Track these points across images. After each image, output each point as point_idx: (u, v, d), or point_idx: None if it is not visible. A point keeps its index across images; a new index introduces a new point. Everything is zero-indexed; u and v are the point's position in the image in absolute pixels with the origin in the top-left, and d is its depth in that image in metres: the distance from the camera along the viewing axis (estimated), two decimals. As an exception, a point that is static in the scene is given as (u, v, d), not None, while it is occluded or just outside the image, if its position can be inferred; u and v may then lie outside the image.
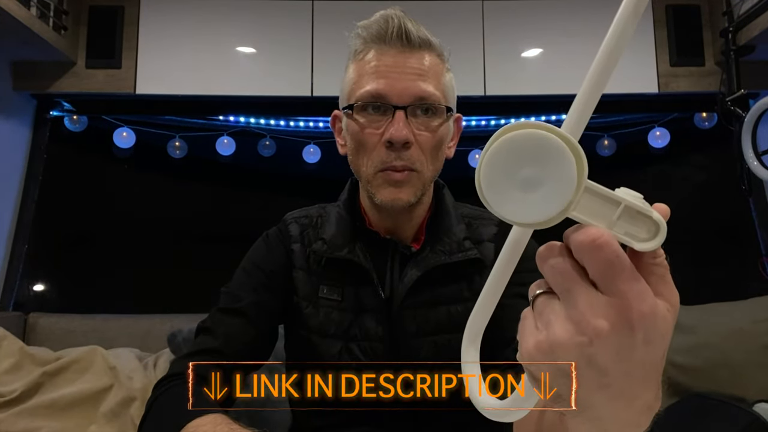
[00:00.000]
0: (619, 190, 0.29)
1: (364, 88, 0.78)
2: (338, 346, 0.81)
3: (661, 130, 2.37)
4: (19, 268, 2.15)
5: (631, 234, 0.28)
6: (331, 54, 2.12)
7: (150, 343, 1.91)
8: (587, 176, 0.28)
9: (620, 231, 0.28)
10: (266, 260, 0.87)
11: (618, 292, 0.28)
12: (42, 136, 2.24)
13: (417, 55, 0.78)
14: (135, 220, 2.37)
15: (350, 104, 0.79)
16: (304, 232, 0.89)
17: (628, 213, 0.28)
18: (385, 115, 0.77)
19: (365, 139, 0.78)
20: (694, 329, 1.84)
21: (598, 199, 0.29)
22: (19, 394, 1.58)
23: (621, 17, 0.28)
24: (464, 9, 2.15)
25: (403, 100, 0.76)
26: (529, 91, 2.17)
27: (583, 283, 0.29)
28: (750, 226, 2.22)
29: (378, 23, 0.78)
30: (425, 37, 0.79)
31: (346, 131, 0.83)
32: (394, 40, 0.77)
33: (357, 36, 0.81)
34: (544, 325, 0.31)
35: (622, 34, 0.30)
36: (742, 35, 1.94)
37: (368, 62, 0.79)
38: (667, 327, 0.30)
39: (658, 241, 0.28)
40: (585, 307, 0.29)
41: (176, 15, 2.15)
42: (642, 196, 0.29)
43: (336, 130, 0.88)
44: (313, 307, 0.84)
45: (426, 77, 0.77)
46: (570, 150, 0.27)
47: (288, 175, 2.48)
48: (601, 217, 0.28)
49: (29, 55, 2.03)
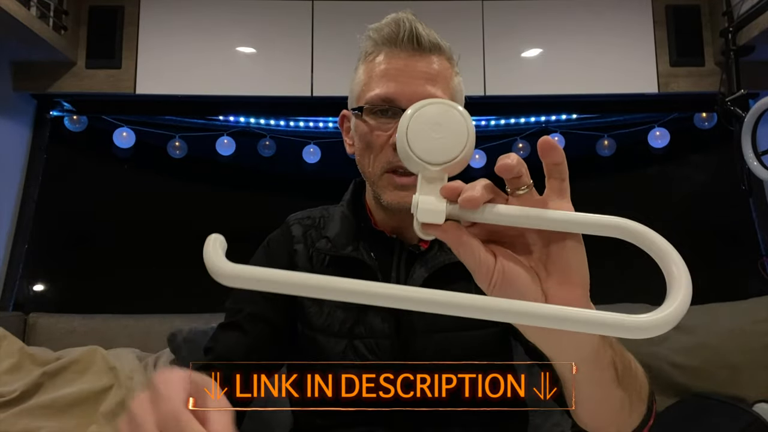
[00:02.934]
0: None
1: (373, 91, 0.78)
2: (343, 344, 0.81)
3: (661, 130, 2.37)
4: (19, 268, 2.15)
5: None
6: (331, 54, 2.12)
7: (150, 343, 1.91)
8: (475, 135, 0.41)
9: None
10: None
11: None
12: (42, 136, 2.24)
13: (427, 58, 0.78)
14: (135, 220, 2.37)
15: (360, 106, 0.80)
16: (306, 233, 0.89)
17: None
18: (394, 118, 0.77)
19: (373, 140, 0.79)
20: (694, 329, 1.84)
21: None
22: (19, 394, 1.58)
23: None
24: (464, 9, 2.15)
25: (412, 104, 0.76)
26: (529, 91, 2.17)
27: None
28: (750, 226, 2.22)
29: (389, 26, 0.79)
30: (435, 40, 0.79)
31: (354, 132, 0.83)
32: (405, 44, 0.78)
33: (368, 38, 0.81)
34: None
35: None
36: (742, 35, 1.94)
37: (378, 65, 0.79)
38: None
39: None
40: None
41: (176, 15, 2.15)
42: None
43: (344, 129, 0.88)
44: (317, 306, 0.84)
45: (435, 81, 0.78)
46: (461, 115, 0.42)
47: (288, 175, 2.48)
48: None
49: (29, 55, 2.03)
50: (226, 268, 0.35)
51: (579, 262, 0.40)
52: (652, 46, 2.15)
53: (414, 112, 0.41)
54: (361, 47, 0.83)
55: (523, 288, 0.40)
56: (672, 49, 2.14)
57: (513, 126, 2.43)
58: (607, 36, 2.16)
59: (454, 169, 0.41)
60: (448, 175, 0.41)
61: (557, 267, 0.40)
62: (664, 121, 2.38)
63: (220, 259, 0.35)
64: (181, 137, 2.38)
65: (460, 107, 0.42)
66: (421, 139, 0.40)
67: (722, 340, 1.81)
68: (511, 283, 0.40)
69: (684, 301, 0.34)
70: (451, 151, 0.40)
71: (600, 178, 2.51)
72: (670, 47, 2.14)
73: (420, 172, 0.41)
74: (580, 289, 0.40)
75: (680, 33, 2.14)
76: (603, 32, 2.16)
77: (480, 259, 0.40)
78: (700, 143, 2.43)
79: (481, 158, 2.40)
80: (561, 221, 0.38)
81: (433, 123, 0.41)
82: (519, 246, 0.42)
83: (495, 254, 0.41)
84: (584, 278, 0.41)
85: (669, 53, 2.14)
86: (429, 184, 0.40)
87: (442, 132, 0.41)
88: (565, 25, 2.16)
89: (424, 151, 0.40)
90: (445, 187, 0.39)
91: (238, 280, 0.35)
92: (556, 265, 0.41)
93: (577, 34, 2.16)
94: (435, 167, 0.40)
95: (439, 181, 0.40)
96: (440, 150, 0.40)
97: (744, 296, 1.97)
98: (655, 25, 2.15)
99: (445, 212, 0.39)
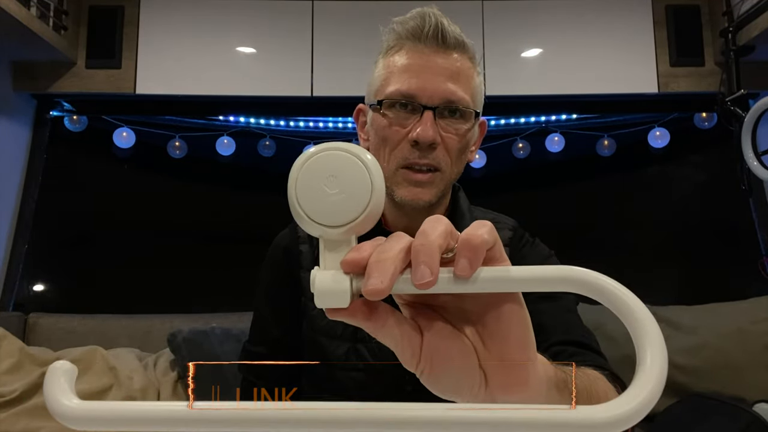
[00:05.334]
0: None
1: (394, 86, 0.76)
2: (345, 347, 0.81)
3: (661, 130, 2.37)
4: (19, 268, 2.15)
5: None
6: (331, 54, 2.12)
7: (150, 343, 1.91)
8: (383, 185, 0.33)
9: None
10: (275, 292, 0.92)
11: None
12: (42, 136, 2.24)
13: (450, 55, 0.77)
14: (135, 220, 2.37)
15: (379, 100, 0.78)
16: None
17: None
18: (413, 114, 0.76)
19: (390, 135, 0.77)
20: (694, 329, 1.85)
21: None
22: (19, 394, 1.58)
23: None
24: (464, 9, 2.15)
25: (433, 101, 0.75)
26: (529, 91, 2.17)
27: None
28: (750, 227, 2.22)
29: (414, 20, 0.77)
30: (460, 38, 0.77)
31: (370, 126, 0.81)
32: (430, 39, 0.76)
33: (391, 31, 0.79)
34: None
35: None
36: (742, 35, 1.94)
37: (400, 59, 0.77)
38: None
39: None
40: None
41: (176, 15, 2.15)
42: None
43: (359, 124, 0.86)
44: (321, 309, 0.83)
45: (457, 79, 0.76)
46: (362, 163, 0.33)
47: (288, 175, 2.47)
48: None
49: (29, 55, 2.03)
50: (71, 408, 0.26)
51: (519, 326, 0.33)
52: (652, 46, 2.15)
53: (303, 164, 0.33)
54: (384, 41, 0.81)
55: (456, 372, 0.33)
56: (672, 49, 2.14)
57: (513, 126, 2.43)
58: (607, 36, 2.16)
59: (360, 228, 0.33)
60: (357, 234, 0.33)
61: (495, 336, 0.34)
62: (664, 121, 2.38)
63: (65, 395, 0.27)
64: (181, 137, 2.38)
65: (365, 154, 0.33)
66: (313, 196, 0.33)
67: (722, 340, 1.81)
68: (443, 366, 0.33)
69: (659, 380, 0.26)
70: (351, 210, 0.32)
71: (600, 178, 2.51)
72: (670, 47, 2.14)
73: (320, 236, 0.33)
74: (522, 357, 0.34)
75: (680, 33, 2.14)
76: (603, 32, 2.16)
77: (403, 343, 0.33)
78: (700, 143, 2.44)
79: (481, 158, 2.40)
80: (492, 280, 0.31)
81: (328, 176, 0.33)
82: (452, 309, 0.35)
83: (422, 332, 0.33)
84: (527, 347, 0.34)
85: (669, 53, 2.14)
86: (331, 252, 0.33)
87: (338, 186, 0.32)
88: (565, 25, 2.16)
89: (317, 212, 0.32)
90: (344, 262, 0.31)
91: (87, 423, 0.26)
92: (494, 334, 0.34)
93: (577, 34, 2.16)
94: (334, 230, 0.32)
95: (345, 245, 0.33)
96: (338, 209, 0.32)
97: (744, 296, 1.97)
98: (655, 25, 2.15)
99: (349, 292, 0.31)
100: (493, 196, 2.40)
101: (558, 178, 2.50)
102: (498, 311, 0.33)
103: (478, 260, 0.30)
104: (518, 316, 0.33)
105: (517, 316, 0.33)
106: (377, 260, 0.30)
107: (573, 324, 0.77)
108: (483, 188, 2.45)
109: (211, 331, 1.80)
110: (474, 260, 0.30)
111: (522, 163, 2.44)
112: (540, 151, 2.42)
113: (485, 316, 0.34)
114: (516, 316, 0.33)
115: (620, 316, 0.29)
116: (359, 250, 0.31)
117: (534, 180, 2.51)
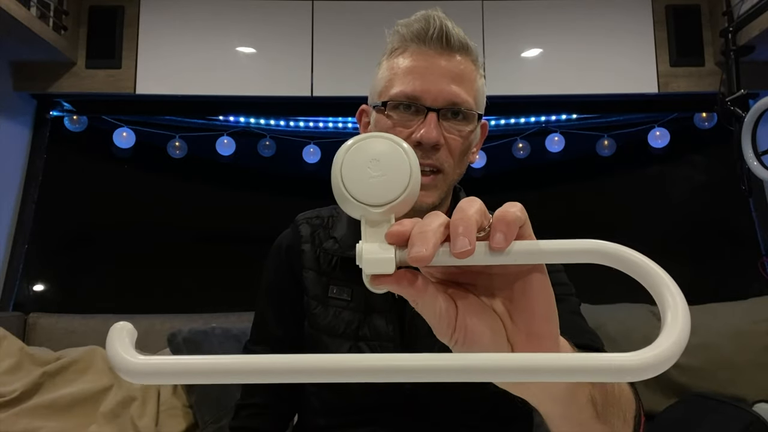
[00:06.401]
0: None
1: (399, 88, 0.77)
2: (347, 345, 0.82)
3: (661, 130, 2.38)
4: (19, 268, 2.15)
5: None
6: (331, 54, 2.12)
7: (150, 343, 1.91)
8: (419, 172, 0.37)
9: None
10: (276, 291, 0.93)
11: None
12: (42, 137, 2.24)
13: (454, 58, 0.77)
14: (135, 220, 2.37)
15: (383, 101, 0.79)
16: (315, 233, 0.89)
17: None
18: (417, 116, 0.77)
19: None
20: (694, 329, 1.80)
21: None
22: (19, 394, 1.58)
23: None
24: (464, 9, 2.15)
25: (437, 103, 0.76)
26: (529, 91, 2.17)
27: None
28: (750, 226, 2.22)
29: (419, 22, 0.78)
30: (464, 40, 0.78)
31: (374, 127, 0.82)
32: (434, 42, 0.77)
33: (396, 33, 0.80)
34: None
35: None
36: (742, 35, 1.94)
37: (405, 61, 0.78)
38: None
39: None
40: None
41: (176, 15, 2.15)
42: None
43: (362, 124, 0.87)
44: (323, 307, 0.85)
45: (461, 82, 0.77)
46: (402, 149, 0.37)
47: (288, 175, 2.48)
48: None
49: (29, 55, 2.03)
50: (135, 363, 0.28)
51: (545, 300, 0.36)
52: (652, 46, 2.15)
53: (348, 149, 0.37)
54: (388, 42, 0.82)
55: (488, 341, 0.36)
56: (672, 49, 2.14)
57: (513, 126, 2.43)
58: (607, 36, 2.16)
59: (400, 209, 0.36)
60: (396, 216, 0.36)
61: (523, 311, 0.36)
62: (664, 121, 2.38)
63: (128, 351, 0.29)
64: (181, 137, 2.38)
65: (404, 142, 0.37)
66: (358, 178, 0.36)
67: (722, 340, 1.81)
68: (475, 338, 0.36)
69: (682, 334, 0.29)
70: (392, 191, 0.36)
71: (600, 178, 2.51)
72: (670, 47, 2.14)
73: (362, 216, 0.36)
74: (547, 330, 0.36)
75: (680, 33, 2.14)
76: (603, 32, 2.16)
77: (440, 313, 0.35)
78: (700, 143, 2.44)
79: (481, 158, 2.40)
80: (525, 252, 0.33)
81: (371, 159, 0.36)
82: (481, 287, 0.37)
83: (456, 305, 0.36)
84: (551, 320, 0.36)
85: (669, 53, 2.14)
86: (373, 228, 0.36)
87: (380, 169, 0.36)
88: (565, 25, 2.16)
89: (361, 192, 0.36)
90: (389, 233, 0.34)
91: (151, 377, 0.28)
92: (521, 308, 0.36)
93: (577, 34, 2.16)
94: (376, 209, 0.36)
95: (386, 223, 0.36)
96: (380, 189, 0.36)
97: (744, 296, 1.97)
98: (655, 25, 2.16)
99: (394, 260, 0.33)
100: (494, 196, 2.39)
101: (558, 178, 2.50)
102: (524, 286, 0.36)
103: (512, 234, 0.32)
104: (544, 292, 0.36)
105: (543, 291, 0.36)
106: (420, 231, 0.32)
107: (579, 326, 0.77)
108: (483, 188, 2.45)
109: (211, 331, 1.80)
110: (508, 234, 0.32)
111: (522, 163, 2.44)
112: (540, 151, 2.42)
113: (513, 291, 0.36)
114: (542, 291, 0.36)
115: (643, 282, 0.31)
116: (402, 224, 0.34)
117: (534, 180, 2.51)
